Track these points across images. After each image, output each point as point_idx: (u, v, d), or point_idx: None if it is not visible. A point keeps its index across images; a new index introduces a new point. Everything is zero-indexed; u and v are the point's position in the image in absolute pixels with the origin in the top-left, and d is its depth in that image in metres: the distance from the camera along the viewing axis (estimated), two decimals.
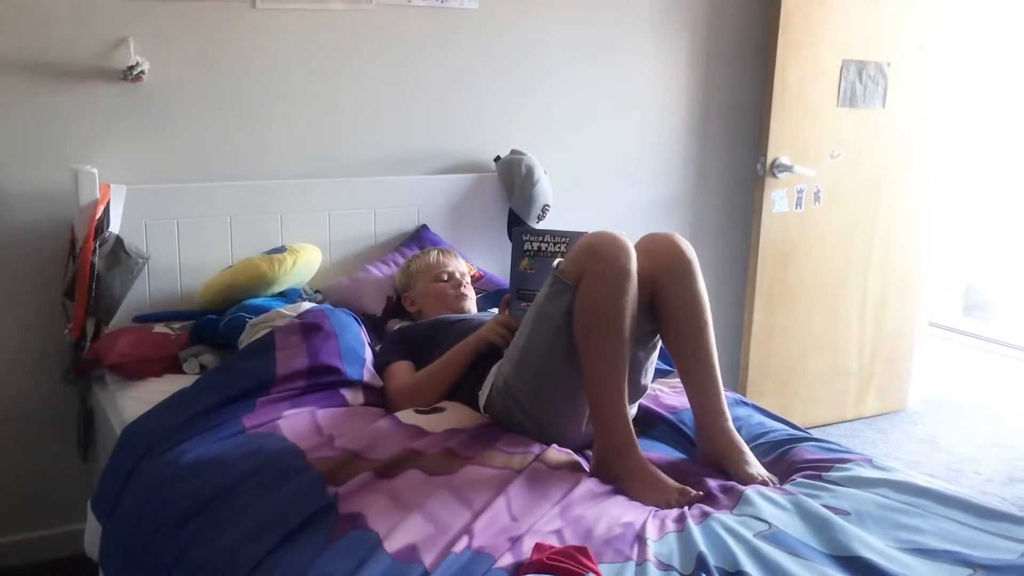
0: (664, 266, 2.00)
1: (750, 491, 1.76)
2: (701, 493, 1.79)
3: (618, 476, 1.84)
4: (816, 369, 3.89)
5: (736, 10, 3.58)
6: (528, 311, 2.03)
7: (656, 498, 1.76)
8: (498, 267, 3.06)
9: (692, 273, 2.01)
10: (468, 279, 2.67)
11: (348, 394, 2.14)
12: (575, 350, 1.91)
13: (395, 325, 2.63)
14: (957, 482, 3.42)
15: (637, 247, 1.99)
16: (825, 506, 1.69)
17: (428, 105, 3.10)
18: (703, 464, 1.98)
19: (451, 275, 2.62)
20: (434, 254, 2.70)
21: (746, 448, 1.96)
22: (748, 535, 1.58)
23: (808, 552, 1.53)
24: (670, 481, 1.82)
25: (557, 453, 1.90)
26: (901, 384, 4.14)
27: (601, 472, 1.86)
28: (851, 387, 3.99)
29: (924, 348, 4.26)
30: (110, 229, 2.53)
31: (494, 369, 2.10)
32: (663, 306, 2.02)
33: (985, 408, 4.24)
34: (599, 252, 1.90)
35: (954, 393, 4.42)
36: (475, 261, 3.03)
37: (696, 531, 1.59)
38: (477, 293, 2.76)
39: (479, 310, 2.65)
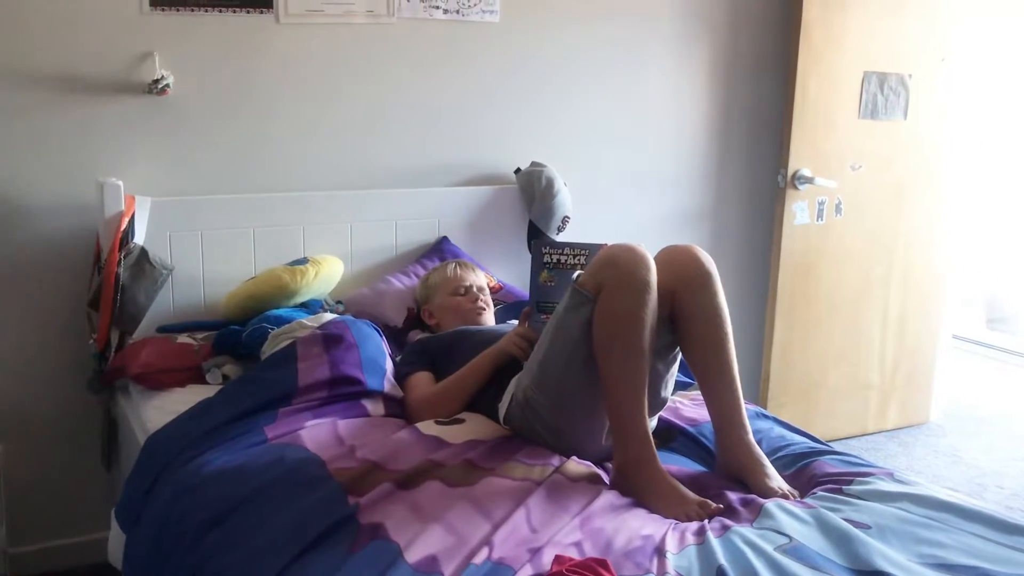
0: (684, 279, 2.00)
1: (770, 504, 1.75)
2: (721, 506, 1.79)
3: (637, 489, 1.83)
4: (837, 382, 3.87)
5: (756, 22, 3.58)
6: (548, 323, 2.04)
7: (676, 511, 1.76)
8: (518, 279, 3.07)
9: (712, 286, 2.01)
10: (486, 292, 2.68)
11: (369, 405, 2.15)
12: (594, 363, 1.91)
13: (415, 336, 2.64)
14: (980, 496, 3.39)
15: (656, 259, 1.99)
16: (846, 520, 1.68)
17: (449, 118, 3.12)
18: (723, 477, 1.97)
19: (468, 288, 2.62)
20: (451, 267, 2.70)
21: (766, 461, 1.96)
22: (768, 548, 1.57)
23: (829, 566, 1.52)
24: (690, 494, 1.81)
25: (577, 465, 1.91)
26: (923, 397, 4.11)
27: (620, 485, 1.86)
28: (872, 400, 3.97)
29: (947, 361, 4.23)
30: (135, 240, 2.56)
31: (514, 381, 2.11)
32: (683, 319, 2.02)
33: (1009, 421, 4.20)
34: (619, 265, 1.91)
35: (977, 406, 4.38)
36: (495, 273, 3.04)
37: (716, 544, 1.59)
38: (496, 305, 2.76)
39: (498, 322, 2.65)
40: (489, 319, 2.62)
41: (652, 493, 1.81)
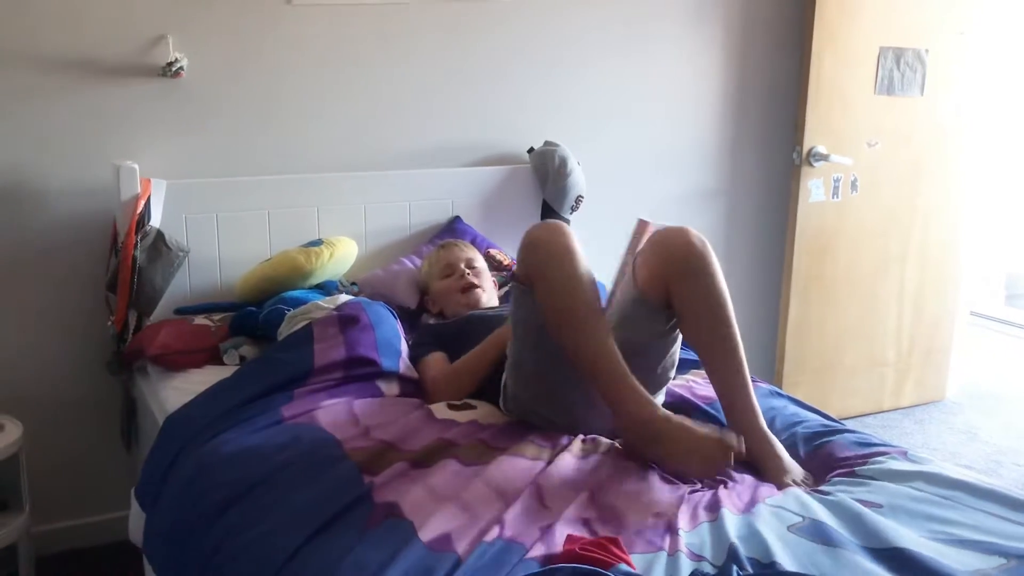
0: (676, 268, 1.93)
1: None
2: (742, 441, 1.76)
3: (649, 449, 1.79)
4: (853, 360, 3.85)
5: None
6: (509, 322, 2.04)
7: (698, 463, 1.72)
8: None
9: (707, 272, 1.93)
10: (477, 264, 2.64)
11: (384, 385, 2.16)
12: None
13: (429, 319, 2.65)
14: (996, 474, 3.38)
15: (650, 242, 1.99)
16: (859, 500, 1.68)
17: (462, 97, 3.12)
18: (737, 462, 1.92)
19: (453, 267, 2.60)
20: (435, 252, 2.69)
21: (781, 450, 1.92)
22: (782, 526, 1.58)
23: (845, 543, 1.52)
24: (707, 432, 1.76)
25: (588, 443, 1.91)
26: (939, 374, 4.09)
27: (632, 451, 1.84)
28: (888, 378, 3.96)
29: (963, 338, 4.20)
30: (151, 223, 2.58)
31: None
32: (680, 307, 1.96)
33: None
34: (537, 245, 1.90)
35: (994, 383, 4.35)
36: (509, 253, 3.04)
37: (729, 521, 1.60)
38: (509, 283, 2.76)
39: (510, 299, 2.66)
40: (485, 294, 2.58)
41: (667, 445, 1.76)
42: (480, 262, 2.67)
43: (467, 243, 2.78)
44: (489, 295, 2.61)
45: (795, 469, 1.90)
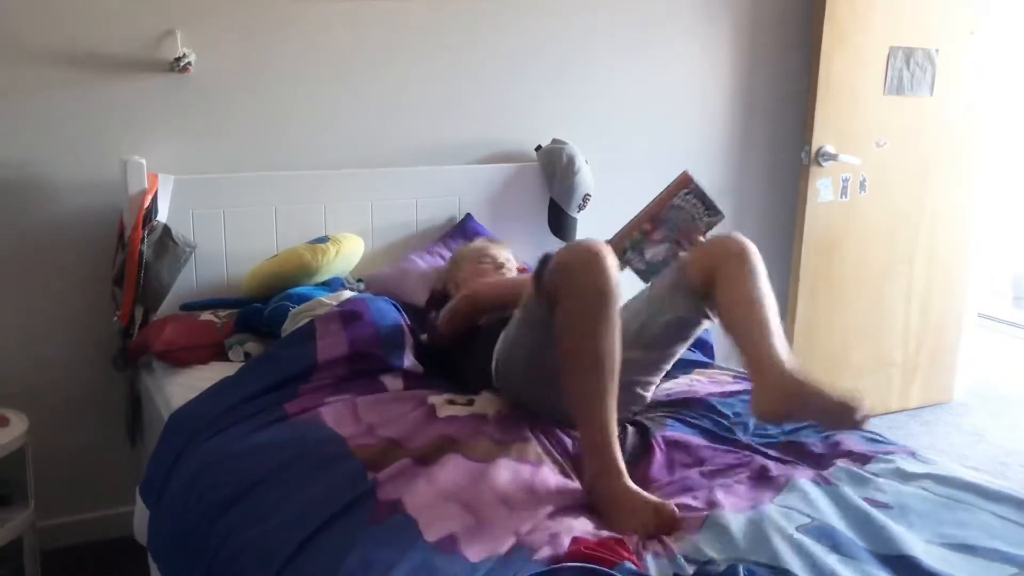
0: (728, 255, 1.97)
1: (799, 479, 1.75)
2: (676, 512, 1.63)
3: (600, 505, 1.70)
4: (860, 360, 3.84)
5: None
6: (516, 314, 2.02)
7: (632, 522, 1.61)
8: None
9: (755, 266, 1.96)
10: (511, 267, 2.68)
11: (388, 381, 2.16)
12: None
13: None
14: (1004, 476, 3.37)
15: (704, 245, 2.02)
16: (867, 499, 1.68)
17: (469, 95, 3.11)
18: (779, 414, 1.80)
19: (494, 259, 2.64)
20: (481, 241, 2.75)
21: (816, 383, 1.78)
22: (790, 528, 1.57)
23: (854, 549, 1.51)
24: (649, 499, 1.66)
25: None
26: (947, 376, 4.08)
27: (591, 500, 1.73)
28: (895, 378, 3.94)
29: (971, 340, 4.19)
30: (158, 218, 2.58)
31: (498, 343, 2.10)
32: (720, 306, 1.97)
33: None
34: (571, 272, 1.80)
35: (1002, 385, 4.34)
36: (515, 250, 3.03)
37: (736, 521, 1.59)
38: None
39: None
40: None
41: (612, 508, 1.67)
42: (513, 265, 2.68)
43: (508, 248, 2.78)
44: None
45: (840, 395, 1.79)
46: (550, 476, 1.77)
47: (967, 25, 3.67)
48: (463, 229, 3.00)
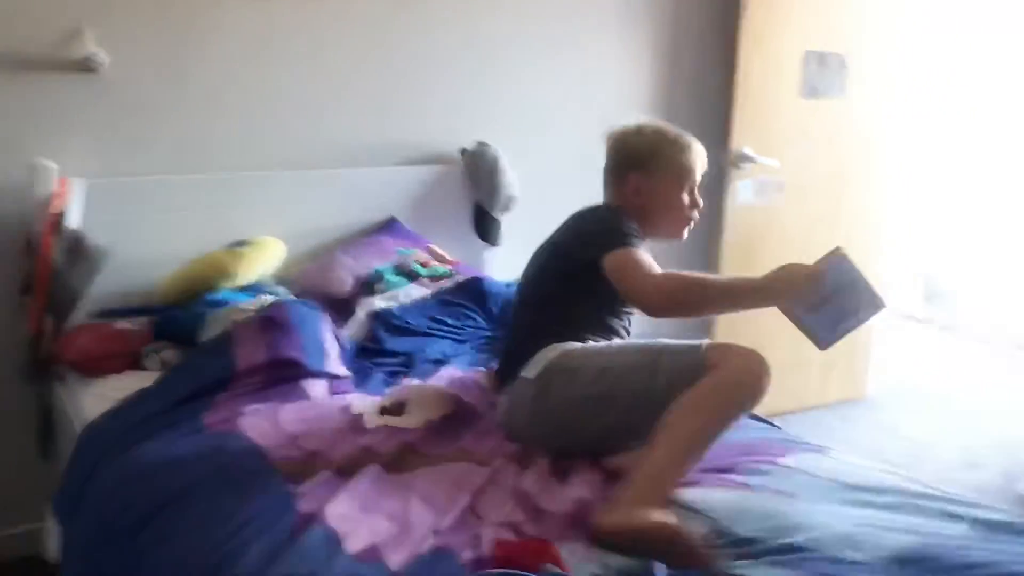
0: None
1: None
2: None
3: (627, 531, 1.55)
4: (780, 358, 3.86)
5: (699, 2, 3.59)
6: (641, 342, 1.94)
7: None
8: (464, 259, 3.05)
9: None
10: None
11: (310, 387, 2.13)
12: (656, 402, 1.75)
13: (367, 306, 2.58)
14: (917, 468, 3.46)
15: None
16: (776, 490, 1.74)
17: (393, 96, 3.08)
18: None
19: (694, 185, 2.18)
20: (698, 149, 2.25)
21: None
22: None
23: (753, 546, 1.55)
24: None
25: (515, 447, 1.89)
26: (861, 373, 4.19)
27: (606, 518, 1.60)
28: (813, 375, 4.03)
29: (885, 337, 4.31)
30: (69, 224, 2.50)
31: (566, 347, 1.93)
32: None
33: (945, 395, 4.30)
34: (758, 364, 1.92)
35: (915, 381, 4.48)
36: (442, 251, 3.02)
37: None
38: (448, 277, 2.75)
39: (453, 301, 2.65)
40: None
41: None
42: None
43: None
44: None
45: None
46: (475, 476, 1.75)
47: (878, 31, 3.78)
48: (388, 230, 2.98)
